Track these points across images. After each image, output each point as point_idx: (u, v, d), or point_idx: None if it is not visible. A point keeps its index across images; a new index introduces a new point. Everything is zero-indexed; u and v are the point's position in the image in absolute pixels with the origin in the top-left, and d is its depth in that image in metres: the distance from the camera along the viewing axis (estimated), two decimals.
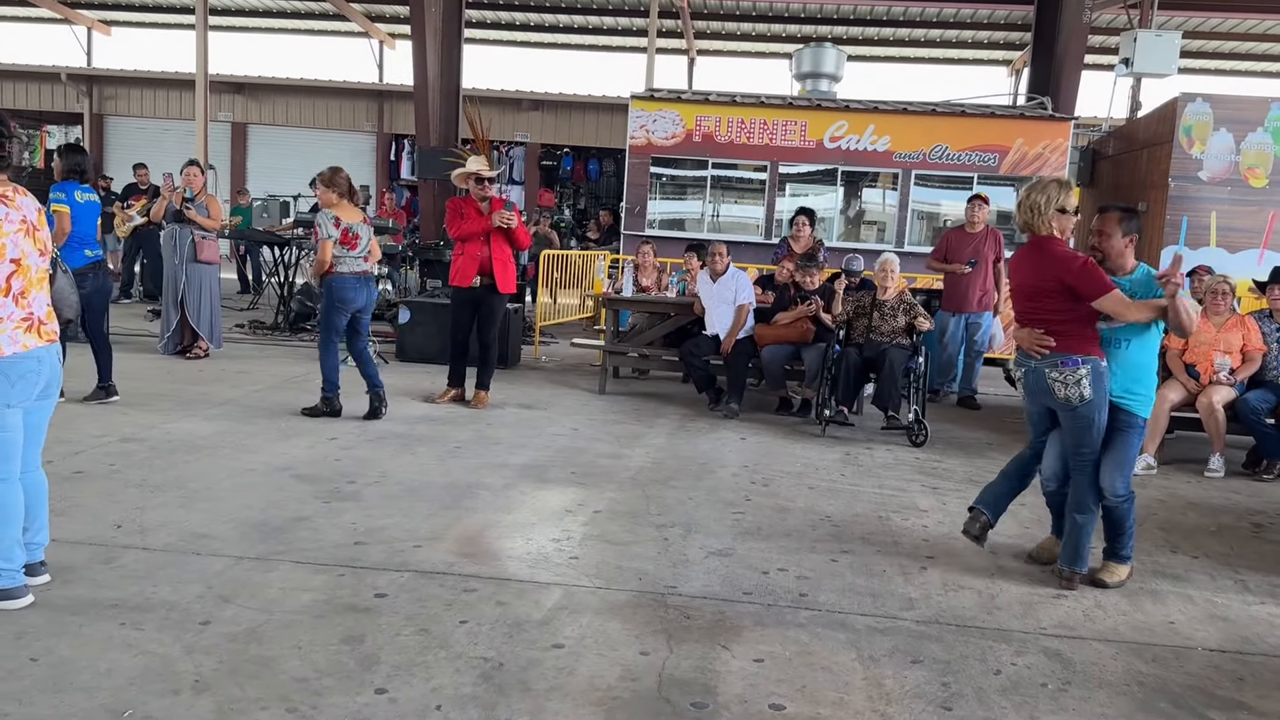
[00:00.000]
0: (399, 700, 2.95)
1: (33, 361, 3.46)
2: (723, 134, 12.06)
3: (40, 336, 3.52)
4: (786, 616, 3.75)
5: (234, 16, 22.30)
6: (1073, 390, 4.13)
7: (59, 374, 3.69)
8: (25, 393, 3.49)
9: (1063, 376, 4.14)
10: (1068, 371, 4.12)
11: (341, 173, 6.86)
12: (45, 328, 3.55)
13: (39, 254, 3.54)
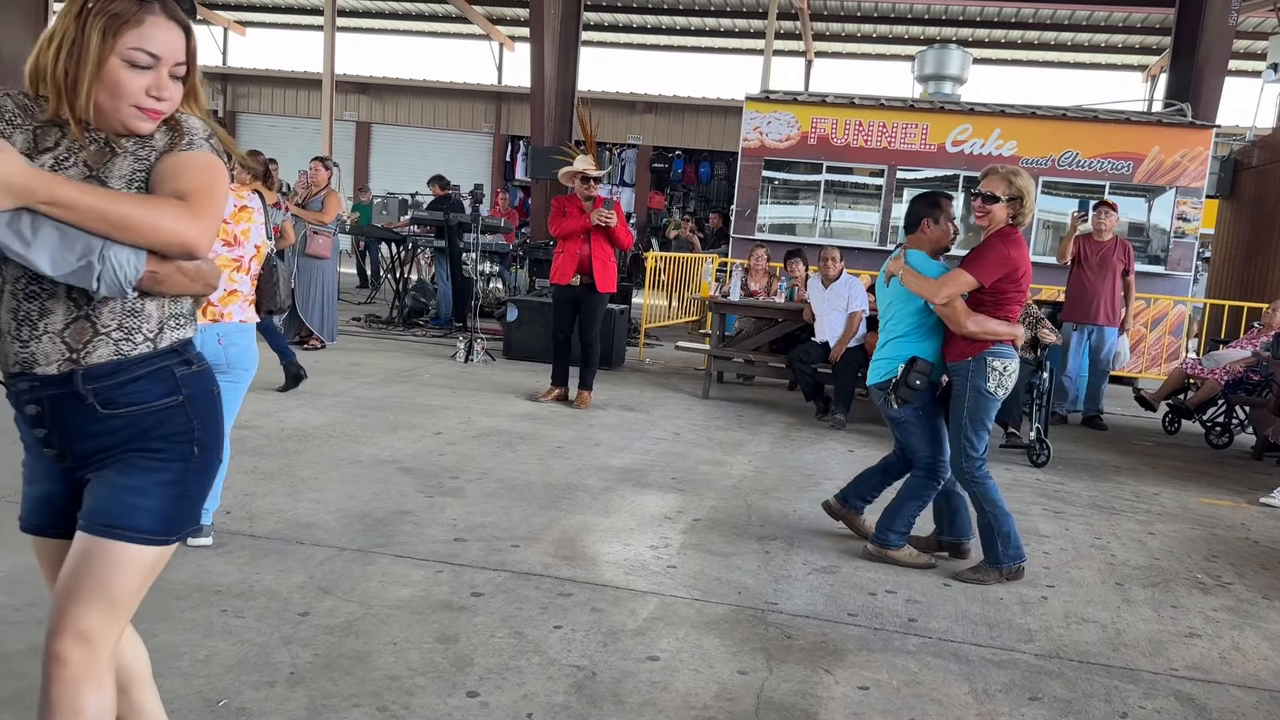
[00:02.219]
0: (490, 705, 2.88)
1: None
2: (839, 136, 11.80)
3: (203, 315, 3.86)
4: (894, 642, 3.56)
5: (361, 18, 22.96)
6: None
7: (237, 356, 3.94)
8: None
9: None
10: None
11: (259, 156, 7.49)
12: (213, 308, 3.92)
13: (222, 244, 4.01)
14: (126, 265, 1.66)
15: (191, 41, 1.81)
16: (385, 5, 22.07)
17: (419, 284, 12.02)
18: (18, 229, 1.58)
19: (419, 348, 9.87)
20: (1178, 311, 10.88)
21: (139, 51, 1.72)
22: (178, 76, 1.79)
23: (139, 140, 1.78)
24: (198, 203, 1.72)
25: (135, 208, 1.67)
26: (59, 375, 1.77)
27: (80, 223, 1.63)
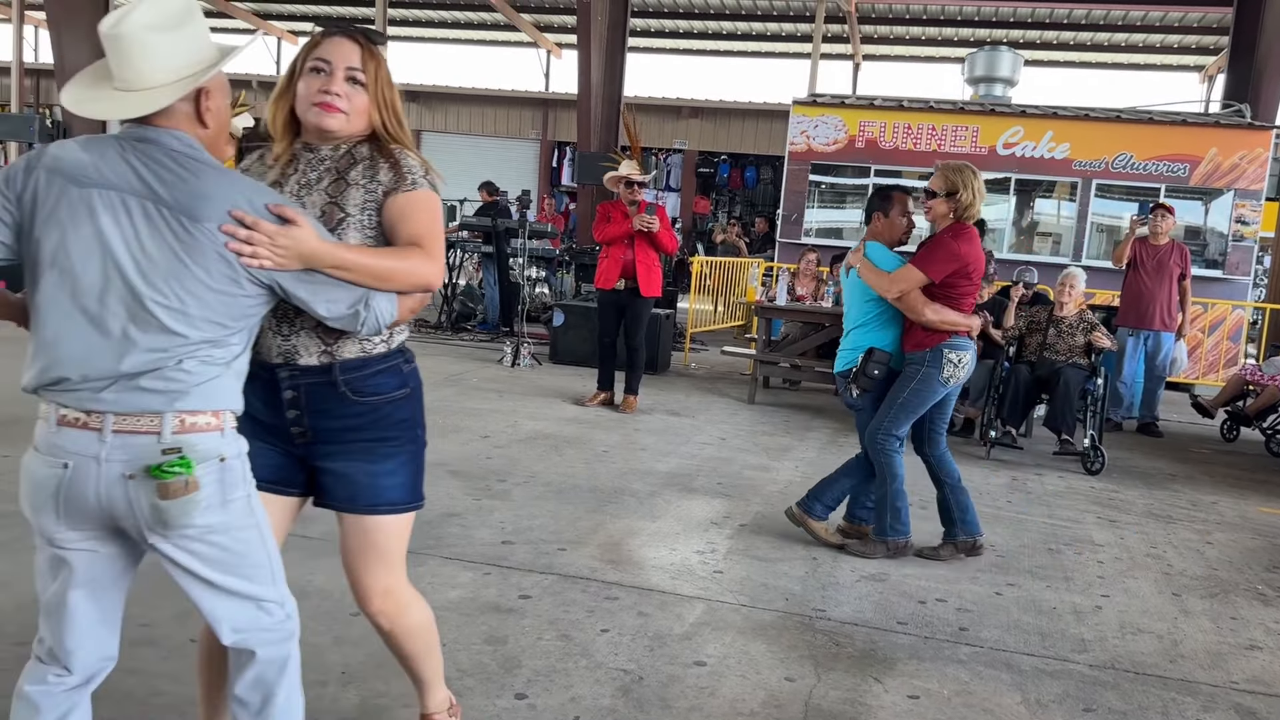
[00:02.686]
0: (538, 708, 2.90)
1: None
2: (887, 140, 11.71)
3: None
4: (945, 651, 3.52)
5: (412, 27, 23.25)
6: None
7: None
8: None
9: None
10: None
11: None
12: None
13: None
14: (384, 312, 2.04)
15: (370, 55, 2.13)
16: (435, 14, 22.33)
17: (467, 289, 12.13)
18: (303, 282, 1.94)
19: (467, 352, 9.96)
20: (1236, 316, 10.64)
21: (316, 59, 2.11)
22: (356, 80, 2.11)
23: (368, 175, 2.11)
24: (431, 245, 2.08)
25: (392, 262, 2.01)
26: (319, 366, 2.11)
27: (353, 280, 1.97)
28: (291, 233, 1.87)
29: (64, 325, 1.83)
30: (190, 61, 1.91)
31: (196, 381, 1.86)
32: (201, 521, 1.90)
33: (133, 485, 1.83)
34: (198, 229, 1.82)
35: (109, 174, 1.84)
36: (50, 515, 1.90)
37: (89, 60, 1.75)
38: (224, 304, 1.87)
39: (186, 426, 1.85)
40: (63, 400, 1.85)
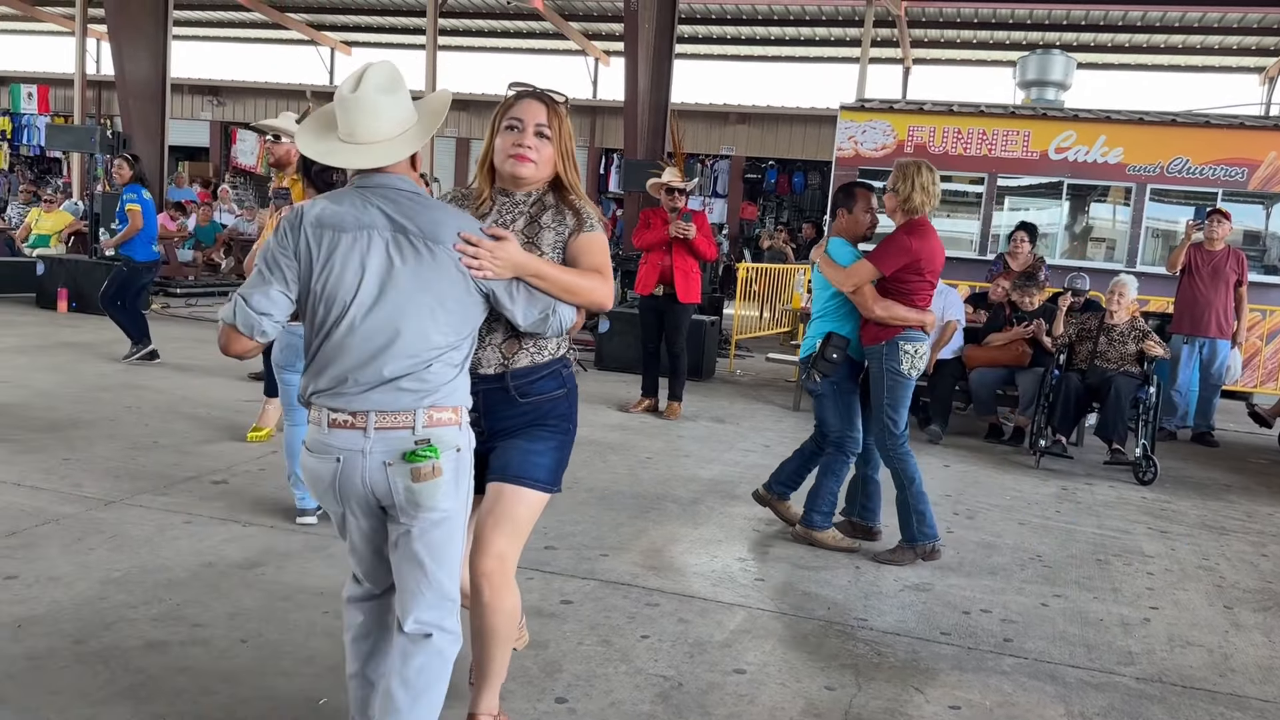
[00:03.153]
0: (578, 712, 2.93)
1: (296, 336, 3.96)
2: (937, 144, 11.61)
3: None
4: (988, 662, 3.49)
5: (461, 37, 23.49)
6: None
7: None
8: (290, 359, 4.39)
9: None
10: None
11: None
12: None
13: None
14: (566, 318, 2.48)
15: (554, 113, 2.55)
16: (485, 24, 22.54)
17: None
18: (509, 291, 2.36)
19: None
20: None
21: (511, 118, 2.54)
22: (543, 135, 2.53)
23: (556, 220, 2.55)
24: (606, 272, 2.53)
25: (579, 279, 2.46)
26: (495, 374, 2.52)
27: (546, 289, 2.40)
28: (505, 247, 2.32)
29: (337, 343, 2.25)
30: (405, 118, 2.34)
31: (441, 382, 2.27)
32: (443, 505, 2.26)
33: (391, 471, 2.23)
34: (439, 249, 2.26)
35: (362, 218, 2.27)
36: (331, 499, 2.32)
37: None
38: (461, 311, 2.30)
39: (433, 421, 2.25)
40: (334, 405, 2.25)
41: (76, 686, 2.85)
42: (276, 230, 2.33)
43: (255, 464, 5.33)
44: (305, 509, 4.45)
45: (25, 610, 3.32)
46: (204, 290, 13.23)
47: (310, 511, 4.43)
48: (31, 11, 23.31)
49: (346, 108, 2.28)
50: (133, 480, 4.88)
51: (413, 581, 2.29)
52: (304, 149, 2.37)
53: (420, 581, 2.28)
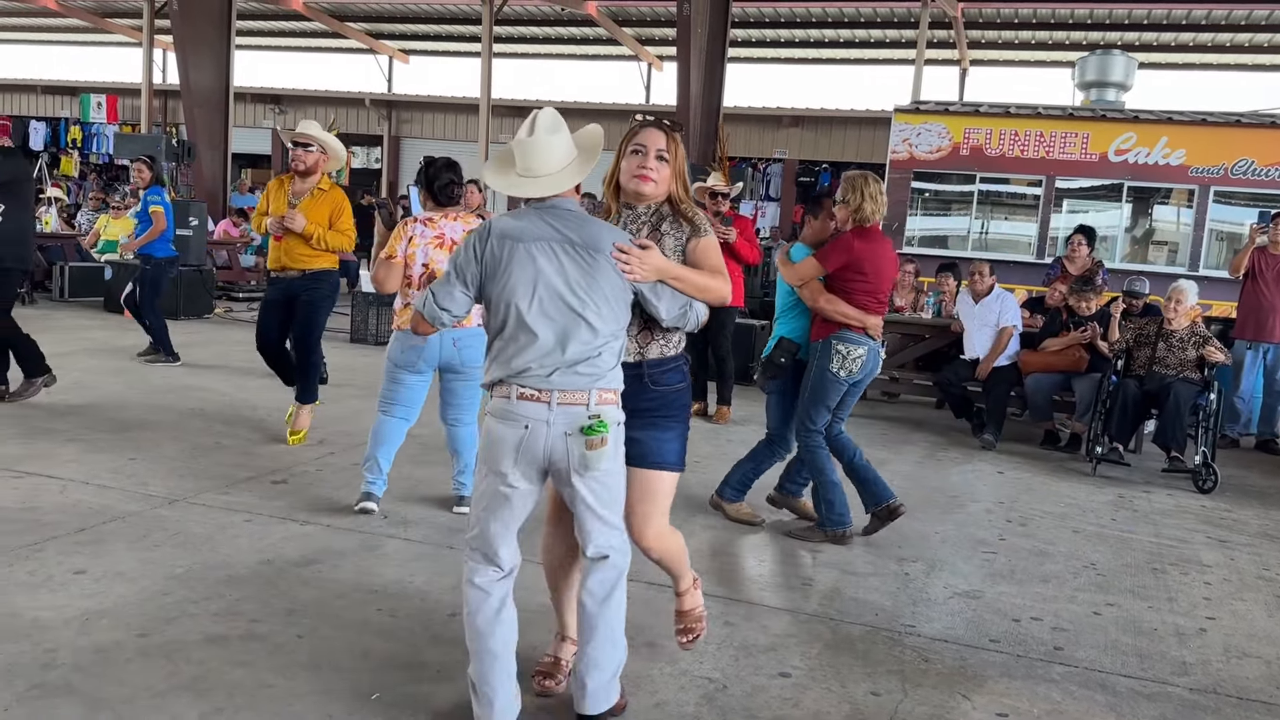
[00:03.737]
0: (624, 711, 2.96)
1: (419, 340, 4.53)
2: (993, 147, 11.49)
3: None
4: (1038, 670, 3.46)
5: (515, 44, 23.73)
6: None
7: (470, 357, 4.64)
8: (411, 360, 4.62)
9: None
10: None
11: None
12: None
13: None
14: (701, 313, 2.96)
15: (672, 139, 2.98)
16: (539, 30, 22.75)
17: None
18: (655, 290, 2.84)
19: None
20: None
21: (636, 144, 2.97)
22: (663, 158, 2.95)
23: (674, 229, 2.98)
24: (725, 272, 2.99)
25: (708, 280, 2.93)
26: (633, 363, 2.94)
27: (683, 289, 2.89)
28: (651, 254, 2.81)
29: (524, 334, 2.74)
30: (568, 153, 2.87)
31: (607, 368, 2.77)
32: (605, 466, 2.76)
33: (570, 441, 2.72)
34: (600, 256, 2.75)
35: (536, 232, 2.77)
36: (509, 461, 2.75)
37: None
38: (619, 308, 2.80)
39: (602, 399, 2.75)
40: (522, 383, 2.73)
41: (141, 678, 2.96)
42: (466, 241, 2.85)
43: (314, 465, 5.46)
44: (372, 493, 4.68)
45: (93, 604, 3.44)
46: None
47: (375, 499, 4.67)
48: (101, 23, 24.06)
49: (524, 149, 2.81)
50: (196, 480, 5.03)
51: (587, 522, 2.80)
52: (490, 184, 2.94)
53: (593, 521, 2.79)
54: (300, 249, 5.93)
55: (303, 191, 5.99)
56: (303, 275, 5.99)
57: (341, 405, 7.13)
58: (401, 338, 4.65)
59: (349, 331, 10.55)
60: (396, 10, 22.18)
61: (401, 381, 4.68)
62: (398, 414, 4.72)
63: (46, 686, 2.87)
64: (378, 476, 4.71)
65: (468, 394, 4.78)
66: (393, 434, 4.74)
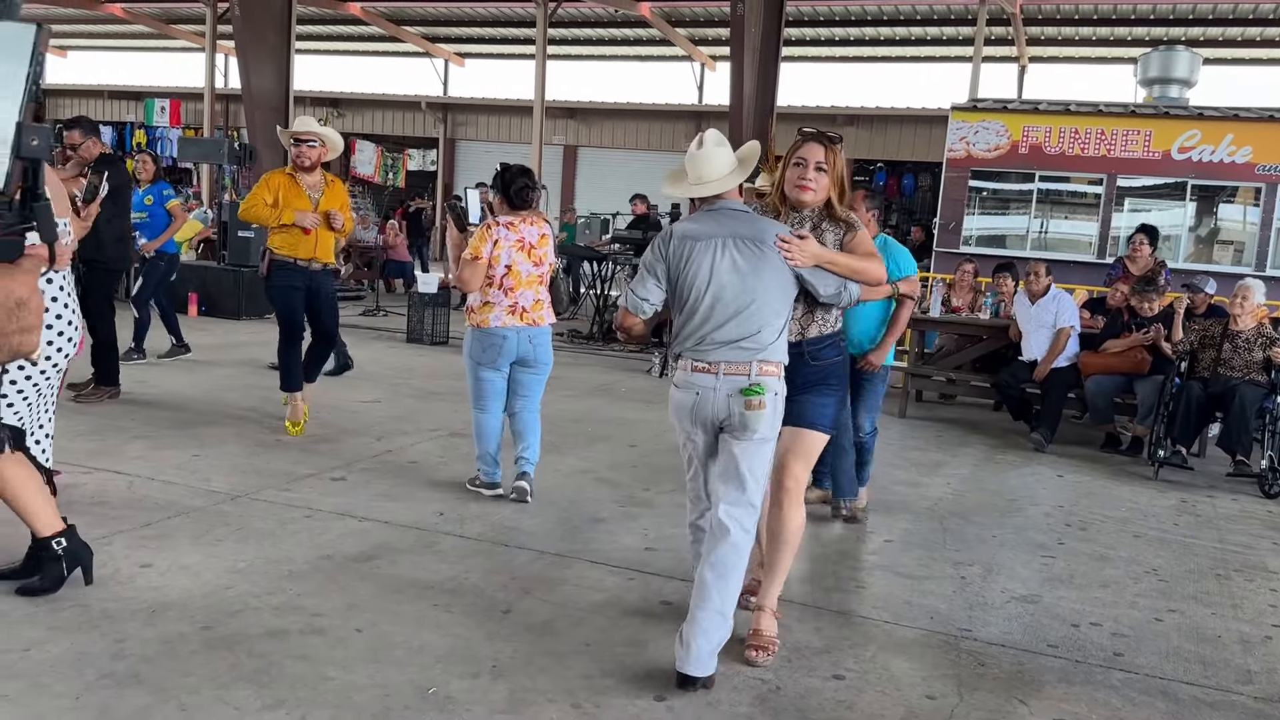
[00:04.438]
0: (676, 710, 2.98)
1: (500, 337, 4.87)
2: (1053, 145, 11.31)
3: (520, 320, 4.88)
4: (1096, 676, 3.41)
5: (570, 45, 23.84)
6: None
7: (542, 353, 4.99)
8: (493, 358, 4.90)
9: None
10: None
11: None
12: (527, 315, 4.91)
13: (533, 265, 4.94)
14: (854, 292, 3.42)
15: (831, 151, 3.43)
16: (593, 32, 22.83)
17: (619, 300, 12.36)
18: (813, 273, 3.30)
19: (616, 362, 10.17)
20: None
21: (798, 156, 3.45)
22: (821, 169, 3.41)
23: (833, 227, 3.45)
24: (878, 257, 3.49)
25: (859, 262, 3.39)
26: (795, 342, 3.41)
27: (837, 272, 3.35)
28: (809, 243, 3.29)
29: (699, 317, 3.24)
30: (730, 162, 3.38)
31: (768, 343, 3.22)
32: (762, 429, 3.18)
33: (732, 401, 3.17)
34: (765, 248, 3.24)
35: (711, 230, 3.29)
36: (688, 421, 3.28)
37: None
38: (782, 292, 3.26)
39: (762, 371, 3.19)
40: (696, 357, 3.24)
41: (205, 669, 3.04)
42: (654, 243, 3.40)
43: (372, 463, 5.55)
44: (496, 482, 5.05)
45: (159, 596, 3.54)
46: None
47: (496, 485, 5.04)
48: (165, 29, 24.63)
49: (695, 160, 3.36)
50: (258, 476, 5.14)
51: (731, 484, 3.18)
52: (668, 192, 3.51)
53: (735, 484, 3.17)
54: (330, 242, 6.29)
55: (316, 186, 6.25)
56: (324, 268, 6.31)
57: (398, 405, 7.24)
58: (480, 336, 4.91)
59: (405, 331, 10.68)
60: (452, 14, 22.39)
61: (485, 378, 4.98)
62: (491, 409, 5.04)
63: (115, 676, 2.96)
64: (494, 467, 5.06)
65: (537, 386, 5.10)
66: (493, 428, 5.06)
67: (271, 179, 6.29)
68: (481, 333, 4.90)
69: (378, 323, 11.95)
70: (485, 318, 4.89)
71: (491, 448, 5.04)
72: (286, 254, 6.17)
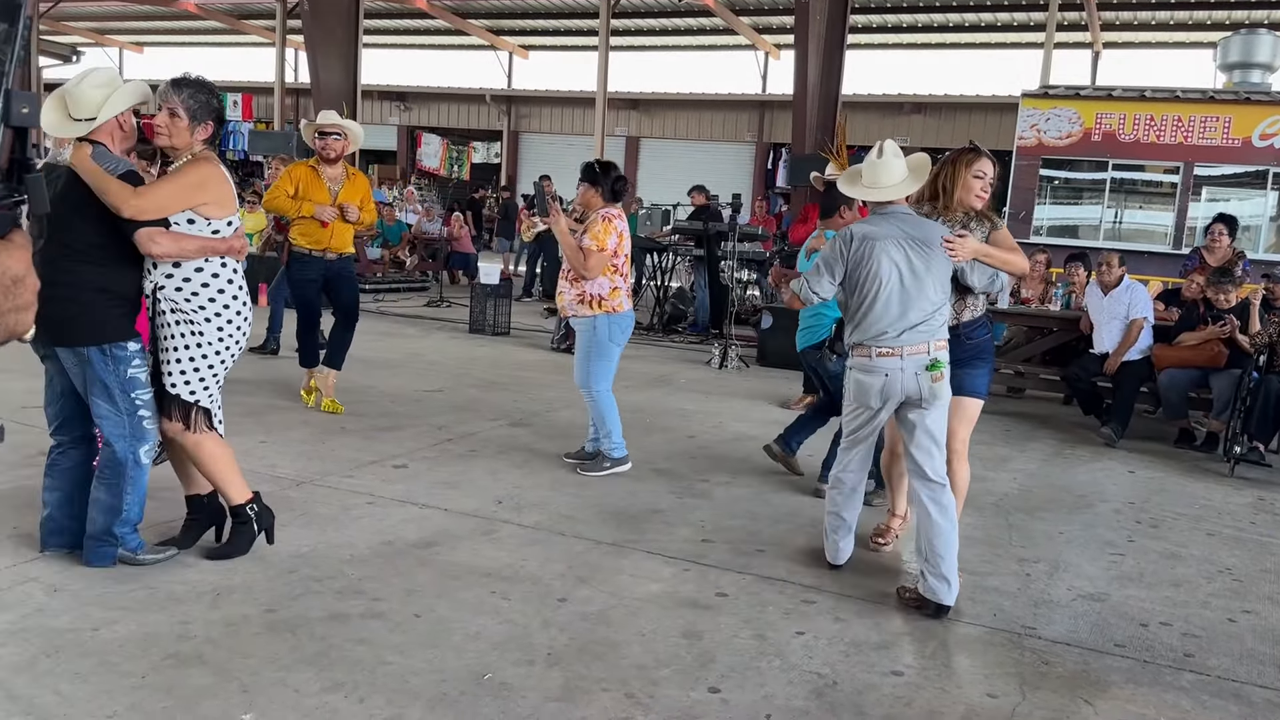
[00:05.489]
0: (730, 702, 2.96)
1: (631, 319, 5.43)
2: (1127, 132, 11.00)
3: (600, 308, 5.25)
4: (1165, 677, 3.31)
5: (633, 36, 23.82)
6: None
7: (619, 335, 5.35)
8: (623, 339, 5.38)
9: None
10: None
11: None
12: (606, 302, 5.27)
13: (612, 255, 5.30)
14: (1006, 282, 3.99)
15: (995, 166, 4.07)
16: (656, 23, 22.79)
17: (679, 292, 12.33)
18: (970, 266, 3.86)
19: (676, 353, 10.15)
20: None
21: (977, 170, 4.02)
22: (991, 182, 4.04)
23: (979, 224, 3.98)
24: (1018, 250, 4.00)
25: (1008, 255, 3.91)
26: (950, 325, 3.89)
27: (990, 264, 3.89)
28: (968, 240, 3.80)
29: (879, 309, 3.73)
30: (904, 170, 3.87)
31: (939, 325, 3.77)
32: (945, 396, 3.76)
33: (919, 377, 3.70)
34: (932, 247, 3.76)
35: (887, 232, 3.78)
36: (876, 400, 3.77)
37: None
38: (945, 281, 3.81)
39: (936, 348, 3.73)
40: (879, 344, 3.73)
41: (267, 651, 3.10)
42: (832, 243, 3.90)
43: (433, 450, 5.61)
44: (622, 458, 5.37)
45: (223, 580, 3.62)
46: (389, 286, 13.93)
47: (625, 460, 5.38)
48: (237, 25, 25.18)
49: (874, 167, 3.87)
50: (321, 462, 5.23)
51: (929, 450, 3.75)
52: (845, 190, 4.10)
53: (932, 449, 3.76)
54: (348, 233, 6.49)
55: (338, 178, 6.43)
56: (340, 256, 6.48)
57: (460, 394, 7.31)
58: (619, 319, 5.32)
59: (468, 323, 10.78)
60: (517, 6, 22.53)
61: (614, 358, 5.39)
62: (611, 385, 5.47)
63: (180, 656, 3.03)
64: (621, 442, 5.41)
65: (609, 367, 5.45)
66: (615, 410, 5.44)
67: (294, 170, 6.51)
68: (620, 316, 5.32)
69: (441, 313, 12.07)
70: (619, 302, 5.31)
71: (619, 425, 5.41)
72: (304, 245, 6.40)
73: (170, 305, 3.63)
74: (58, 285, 3.38)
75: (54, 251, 3.42)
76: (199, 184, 3.59)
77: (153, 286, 3.64)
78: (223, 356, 3.77)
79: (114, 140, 3.55)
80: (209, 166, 3.64)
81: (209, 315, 3.67)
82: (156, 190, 3.52)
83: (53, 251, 3.41)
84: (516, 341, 10.22)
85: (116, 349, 3.51)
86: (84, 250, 3.48)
